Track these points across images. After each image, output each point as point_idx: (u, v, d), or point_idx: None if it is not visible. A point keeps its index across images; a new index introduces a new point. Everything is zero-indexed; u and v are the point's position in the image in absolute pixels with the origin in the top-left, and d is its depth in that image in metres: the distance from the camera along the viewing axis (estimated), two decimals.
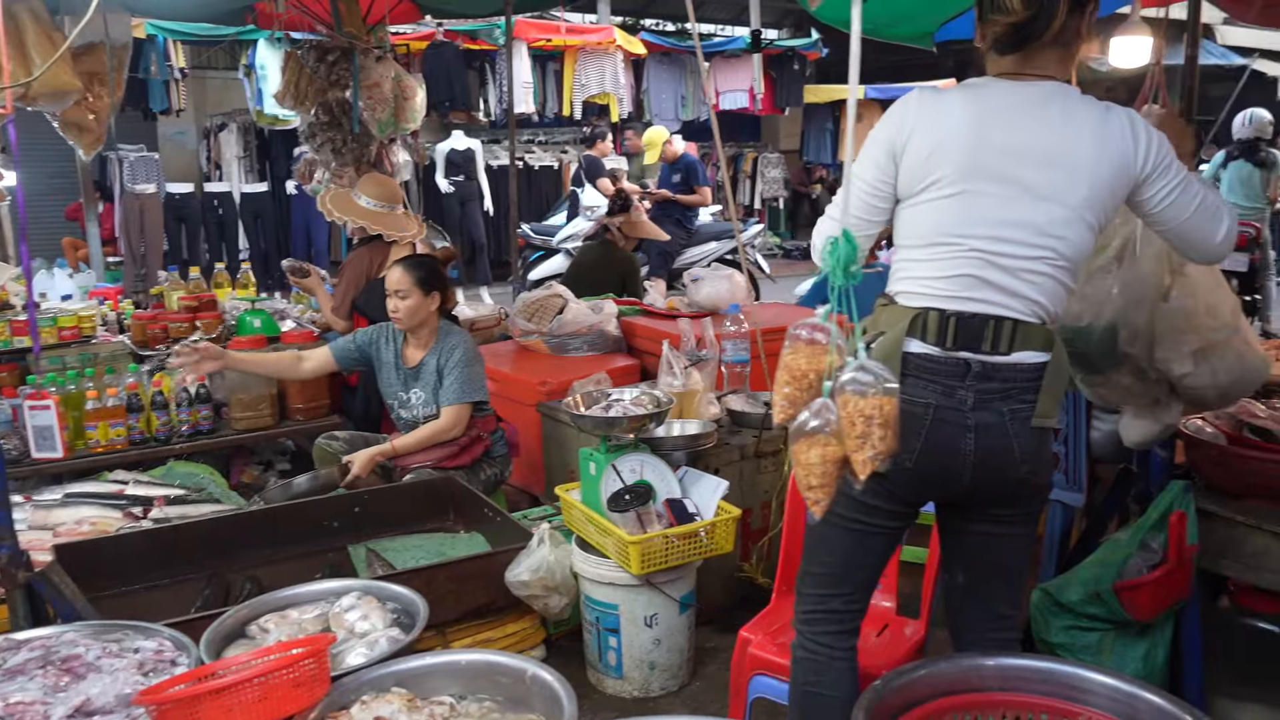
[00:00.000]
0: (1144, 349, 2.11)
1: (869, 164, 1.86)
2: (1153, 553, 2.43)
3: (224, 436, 4.04)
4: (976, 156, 1.78)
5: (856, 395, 1.51)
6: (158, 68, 9.36)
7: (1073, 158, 1.80)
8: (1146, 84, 2.83)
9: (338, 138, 5.25)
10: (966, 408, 1.81)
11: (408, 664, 1.97)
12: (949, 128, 1.80)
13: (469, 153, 10.68)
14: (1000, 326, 1.80)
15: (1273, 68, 14.21)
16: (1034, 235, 1.80)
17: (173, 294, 4.68)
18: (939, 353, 1.82)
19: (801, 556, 2.08)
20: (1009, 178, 1.79)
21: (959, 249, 1.80)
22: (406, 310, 3.47)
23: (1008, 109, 1.81)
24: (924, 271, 1.84)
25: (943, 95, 1.85)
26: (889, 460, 1.56)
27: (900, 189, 1.85)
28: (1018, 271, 1.80)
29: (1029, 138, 1.79)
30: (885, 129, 1.85)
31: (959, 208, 1.80)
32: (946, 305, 1.81)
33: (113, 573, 2.85)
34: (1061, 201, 1.80)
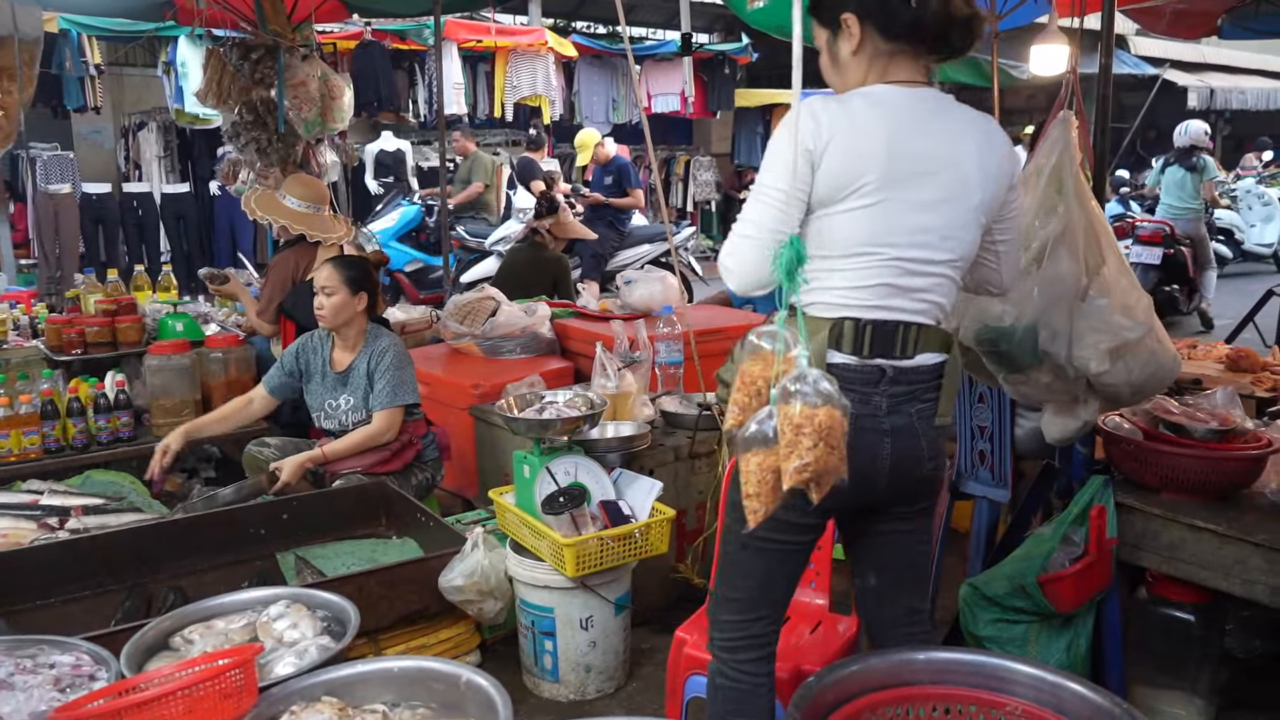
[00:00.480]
0: (1063, 347, 2.18)
1: (785, 174, 1.77)
2: (1075, 546, 2.50)
3: (145, 443, 3.91)
4: (892, 164, 1.78)
5: (786, 404, 1.51)
6: (72, 64, 9.06)
7: (968, 162, 1.84)
8: (1062, 91, 2.92)
9: (263, 137, 5.15)
10: (882, 413, 1.84)
11: (338, 672, 1.93)
12: (865, 135, 1.78)
13: (399, 154, 10.55)
14: (908, 331, 1.84)
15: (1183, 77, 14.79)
16: (940, 240, 1.83)
17: (89, 297, 4.53)
18: (856, 361, 1.83)
19: (715, 582, 2.02)
20: (919, 184, 1.80)
21: (880, 258, 1.80)
22: (331, 307, 3.41)
23: (909, 116, 1.82)
24: (840, 282, 1.82)
25: (848, 103, 1.81)
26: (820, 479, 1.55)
27: (818, 198, 1.79)
28: (927, 276, 1.84)
29: (931, 143, 1.82)
30: (800, 137, 1.76)
31: (883, 216, 1.79)
32: (862, 314, 1.82)
33: (27, 585, 2.75)
34: (962, 205, 1.84)
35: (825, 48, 1.91)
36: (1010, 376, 2.31)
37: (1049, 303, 2.16)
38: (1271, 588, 2.30)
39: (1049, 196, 2.17)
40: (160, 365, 3.94)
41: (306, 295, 4.13)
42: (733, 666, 1.97)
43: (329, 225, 4.34)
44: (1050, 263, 2.14)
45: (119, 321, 4.23)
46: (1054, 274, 2.14)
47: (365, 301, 3.49)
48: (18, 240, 9.09)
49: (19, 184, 9.39)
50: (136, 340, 4.24)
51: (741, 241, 1.81)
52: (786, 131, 1.77)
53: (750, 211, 1.81)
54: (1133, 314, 2.16)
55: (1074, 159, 2.14)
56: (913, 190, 1.80)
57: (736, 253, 1.81)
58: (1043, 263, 2.14)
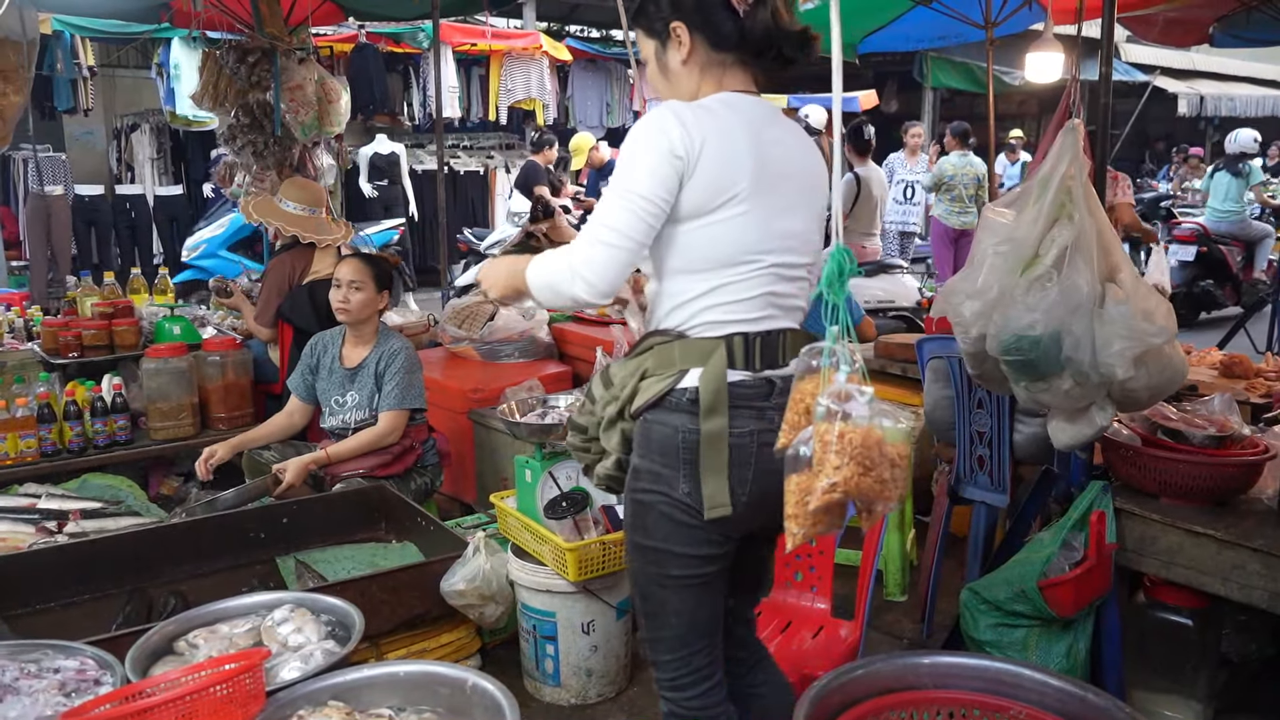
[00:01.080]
0: (1087, 354, 2.19)
1: (656, 183, 1.67)
2: (1074, 551, 2.52)
3: (142, 447, 3.92)
4: (760, 170, 1.74)
5: (821, 421, 1.45)
6: (64, 65, 9.02)
7: (810, 169, 1.86)
8: (1064, 98, 2.95)
9: (259, 140, 5.14)
10: (775, 427, 1.69)
11: (344, 676, 1.93)
12: (732, 140, 1.72)
13: (393, 157, 10.53)
14: (784, 338, 1.80)
15: (1173, 84, 14.86)
16: (802, 244, 1.82)
17: (86, 300, 4.51)
18: (750, 377, 1.76)
19: (646, 628, 1.91)
20: (780, 188, 1.77)
21: (758, 266, 1.75)
22: (358, 303, 3.43)
23: (764, 123, 1.79)
24: (725, 297, 1.75)
25: (710, 108, 1.74)
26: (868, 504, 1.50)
27: (689, 208, 1.70)
28: (795, 280, 1.82)
29: (785, 150, 1.81)
30: (670, 145, 1.67)
31: (758, 223, 1.74)
32: (749, 328, 1.76)
33: (27, 590, 2.74)
34: (812, 208, 1.85)
35: (654, 58, 1.85)
36: (1031, 385, 2.32)
37: (1069, 310, 2.17)
38: (1269, 592, 2.32)
39: (1059, 204, 2.18)
40: (157, 368, 3.93)
41: (305, 299, 4.14)
42: (683, 705, 1.89)
43: (326, 228, 4.33)
44: (1068, 271, 2.16)
45: (116, 324, 4.22)
46: (1072, 282, 2.16)
47: (385, 300, 3.53)
48: (8, 240, 9.04)
49: (9, 186, 9.34)
50: (134, 343, 4.23)
51: (603, 250, 1.67)
52: (653, 136, 1.68)
53: (615, 218, 1.67)
54: (1154, 319, 2.18)
55: (1083, 167, 2.16)
56: (777, 195, 1.77)
57: (596, 261, 1.67)
58: (1062, 270, 2.16)
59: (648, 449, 1.78)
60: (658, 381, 1.76)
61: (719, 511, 1.73)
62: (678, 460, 1.75)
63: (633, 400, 1.79)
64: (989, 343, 2.31)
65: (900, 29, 6.12)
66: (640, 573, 1.87)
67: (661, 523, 1.78)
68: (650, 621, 1.89)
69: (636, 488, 1.81)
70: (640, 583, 1.89)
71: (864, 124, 6.92)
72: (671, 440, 1.75)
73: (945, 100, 14.80)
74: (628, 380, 1.81)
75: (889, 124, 15.51)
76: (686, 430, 1.74)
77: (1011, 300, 2.23)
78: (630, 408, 1.80)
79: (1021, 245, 2.22)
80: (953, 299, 2.38)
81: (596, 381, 1.90)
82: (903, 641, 3.23)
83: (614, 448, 1.86)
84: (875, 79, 14.77)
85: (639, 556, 1.86)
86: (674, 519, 1.77)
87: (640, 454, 1.80)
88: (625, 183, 1.69)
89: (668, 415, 1.75)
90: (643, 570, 1.86)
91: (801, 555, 2.70)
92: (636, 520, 1.83)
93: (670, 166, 1.67)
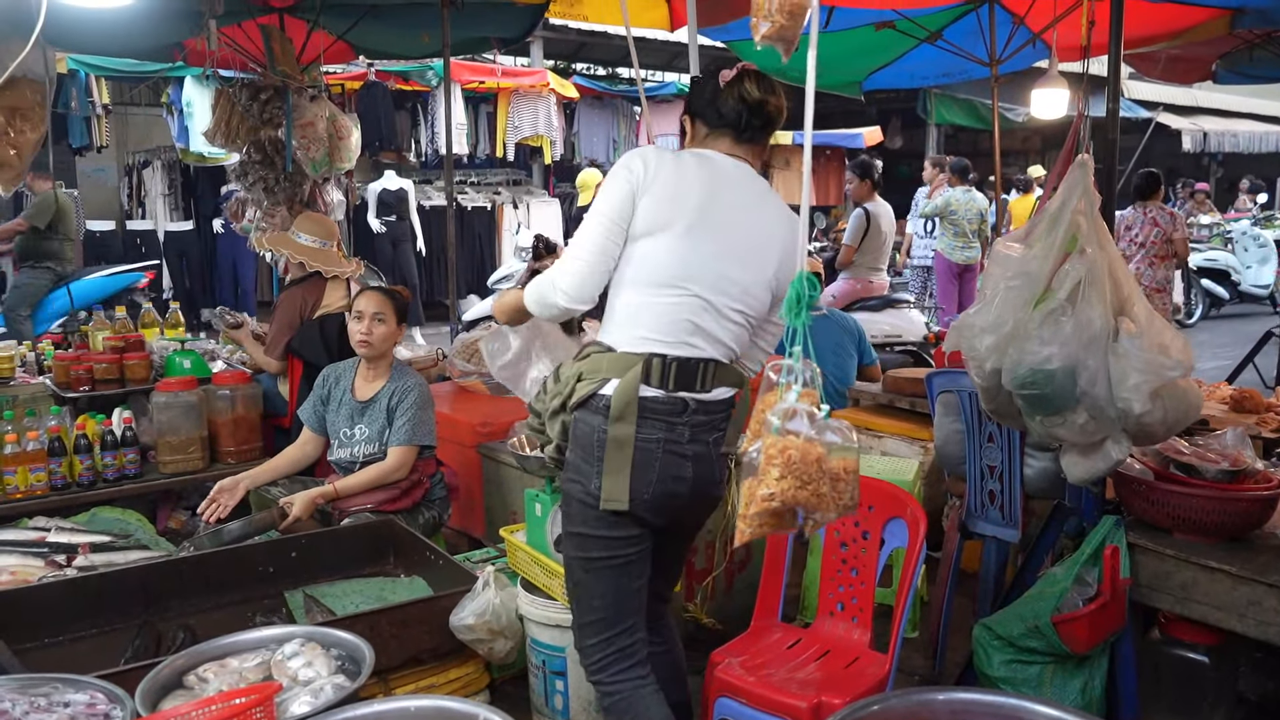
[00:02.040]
0: (1103, 389, 2.20)
1: (615, 204, 2.05)
2: (1088, 586, 2.50)
3: (151, 481, 3.91)
4: (708, 210, 2.05)
5: (769, 435, 1.63)
6: (78, 103, 9.14)
7: (771, 234, 2.13)
8: (1071, 135, 2.97)
9: (270, 177, 5.19)
10: (684, 440, 2.06)
11: (355, 711, 1.92)
12: (687, 179, 2.06)
13: (401, 193, 10.61)
14: (707, 368, 2.07)
15: (1176, 120, 14.96)
16: (740, 292, 2.09)
17: (97, 334, 4.54)
18: (663, 395, 2.04)
19: (576, 612, 2.20)
20: (727, 236, 2.07)
21: (684, 294, 2.04)
22: (380, 335, 3.44)
23: (732, 179, 2.12)
24: (649, 318, 2.05)
25: (680, 156, 2.11)
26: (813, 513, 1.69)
27: (637, 228, 2.05)
28: (723, 321, 2.09)
29: (741, 209, 2.10)
30: (629, 175, 2.05)
31: (689, 257, 2.04)
32: (668, 350, 2.04)
33: (36, 624, 2.72)
34: (762, 270, 2.12)
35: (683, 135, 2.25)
36: (1046, 419, 2.33)
37: (1084, 344, 2.19)
38: None
39: (1069, 238, 2.19)
40: (168, 402, 3.94)
41: (315, 333, 4.16)
42: (608, 682, 2.14)
43: (338, 261, 4.37)
44: (1082, 305, 2.17)
45: (127, 358, 4.24)
46: (1086, 317, 2.17)
47: (402, 334, 3.55)
48: None
49: None
50: (144, 377, 4.24)
51: (575, 263, 2.06)
52: (619, 169, 2.08)
53: (584, 237, 2.07)
54: (1170, 352, 2.19)
55: (1093, 202, 2.18)
56: (717, 241, 2.06)
57: (570, 273, 2.06)
58: (1076, 304, 2.17)
59: (575, 443, 2.09)
60: (586, 385, 2.06)
61: (614, 505, 2.03)
62: (593, 457, 2.05)
63: (570, 397, 2.08)
64: (1004, 376, 2.31)
65: (905, 66, 6.18)
66: (569, 558, 2.17)
67: (581, 510, 2.09)
68: (579, 606, 2.18)
69: (566, 477, 2.13)
70: (570, 568, 2.18)
71: (871, 160, 6.97)
72: (590, 438, 2.05)
73: (949, 136, 14.91)
74: (569, 380, 2.09)
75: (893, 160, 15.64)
76: (601, 431, 2.03)
77: (1026, 334, 2.24)
78: (569, 403, 2.08)
79: (1034, 279, 2.23)
80: (967, 333, 2.39)
81: (551, 376, 2.19)
82: (914, 678, 3.20)
83: (555, 435, 2.14)
84: (879, 115, 14.90)
85: (568, 542, 2.16)
86: (587, 507, 2.07)
87: (570, 448, 2.10)
88: (595, 207, 2.08)
89: (589, 416, 2.05)
90: (570, 555, 2.16)
91: (844, 586, 2.73)
92: (564, 507, 2.15)
93: (627, 188, 2.05)
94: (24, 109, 4.41)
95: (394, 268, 10.46)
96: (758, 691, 2.37)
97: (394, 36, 5.94)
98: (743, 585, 3.45)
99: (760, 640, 2.65)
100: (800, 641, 2.66)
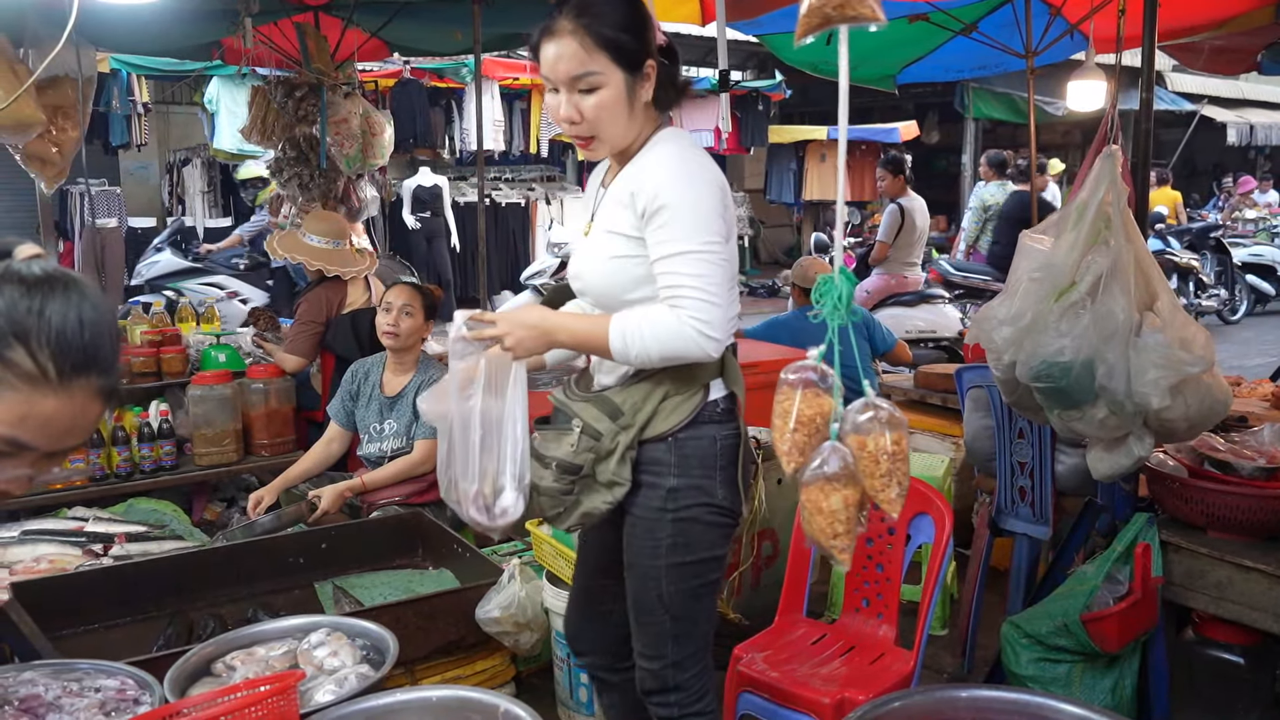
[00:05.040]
0: (1121, 383, 2.16)
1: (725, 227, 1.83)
2: (1119, 584, 2.46)
3: (187, 472, 3.99)
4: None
5: (877, 434, 1.44)
6: (119, 102, 9.30)
7: None
8: (1102, 125, 2.92)
9: (305, 173, 5.26)
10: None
11: (378, 701, 1.93)
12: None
13: (436, 189, 10.69)
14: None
15: (1221, 113, 14.67)
16: None
17: (135, 328, 4.62)
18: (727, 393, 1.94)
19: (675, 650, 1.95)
20: None
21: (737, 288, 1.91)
22: (407, 329, 3.47)
23: None
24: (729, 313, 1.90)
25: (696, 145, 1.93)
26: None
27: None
28: None
29: None
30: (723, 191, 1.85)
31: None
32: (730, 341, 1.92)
33: (72, 611, 2.78)
34: None
35: (620, 90, 1.81)
36: (1064, 414, 2.29)
37: (1104, 338, 2.15)
38: None
39: (1096, 231, 2.16)
40: (203, 395, 4.00)
41: (347, 328, 4.20)
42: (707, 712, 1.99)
43: (350, 259, 4.39)
44: (1103, 298, 2.13)
45: (164, 352, 4.31)
46: (1107, 309, 2.13)
47: (430, 329, 3.57)
48: None
49: (67, 220, 9.61)
50: (180, 371, 4.31)
51: (716, 310, 1.77)
52: (711, 186, 1.82)
53: (713, 277, 1.78)
54: (1192, 348, 2.15)
55: (1121, 194, 2.14)
56: None
57: (715, 322, 1.77)
58: (1096, 297, 2.13)
59: (685, 466, 1.87)
60: (686, 400, 1.86)
61: (748, 505, 1.98)
62: (714, 468, 1.88)
63: (648, 425, 1.86)
64: (1019, 370, 2.28)
65: (940, 59, 6.10)
66: (675, 595, 1.91)
67: (706, 533, 1.89)
68: (679, 643, 1.95)
69: (677, 508, 1.88)
70: (674, 605, 1.92)
71: (902, 155, 6.90)
72: (709, 450, 1.87)
73: (987, 130, 14.73)
74: (640, 406, 1.86)
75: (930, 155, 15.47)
76: (722, 437, 1.88)
77: (1044, 327, 2.21)
78: (647, 432, 1.86)
79: (1057, 272, 2.20)
80: (986, 325, 2.36)
81: (593, 416, 1.89)
82: (943, 675, 3.17)
83: (625, 478, 1.87)
84: (915, 110, 14.75)
85: (677, 578, 1.91)
86: (716, 524, 1.90)
87: (677, 473, 1.87)
88: (705, 236, 1.78)
89: (703, 428, 1.87)
90: (679, 591, 1.91)
91: (870, 582, 2.69)
92: (678, 540, 1.89)
93: (725, 207, 1.83)
94: (65, 107, 4.52)
95: (428, 263, 10.55)
96: (781, 686, 2.36)
97: (427, 33, 5.97)
98: (769, 581, 3.43)
99: (784, 635, 2.64)
100: (825, 637, 2.65)
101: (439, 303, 3.75)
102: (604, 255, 1.92)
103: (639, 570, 1.95)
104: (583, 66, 1.78)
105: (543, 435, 1.97)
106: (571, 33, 1.78)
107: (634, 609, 1.99)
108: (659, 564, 1.91)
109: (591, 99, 1.81)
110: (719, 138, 12.72)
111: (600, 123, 1.83)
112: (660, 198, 1.79)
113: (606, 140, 1.86)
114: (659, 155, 1.87)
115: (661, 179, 1.81)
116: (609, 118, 1.83)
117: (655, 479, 1.88)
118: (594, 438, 1.88)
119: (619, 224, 1.89)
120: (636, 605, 1.98)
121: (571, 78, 1.80)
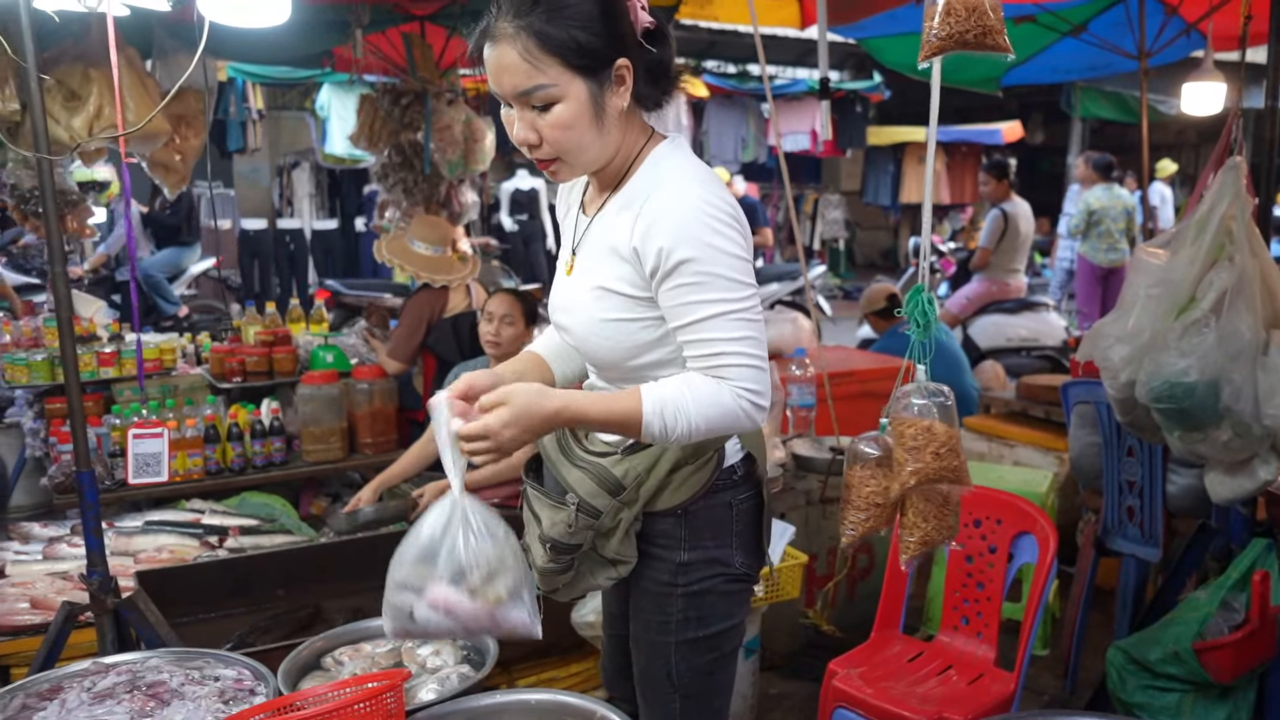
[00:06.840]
0: (1249, 404, 2.07)
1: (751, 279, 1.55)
2: (1234, 612, 2.37)
3: (295, 468, 4.14)
4: None
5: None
6: (235, 109, 9.69)
7: None
8: (1224, 133, 2.80)
9: (409, 178, 5.41)
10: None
11: (479, 701, 1.99)
12: None
13: (533, 192, 10.85)
14: None
15: None
16: None
17: (249, 328, 4.82)
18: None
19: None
20: None
21: None
22: (509, 337, 3.53)
23: None
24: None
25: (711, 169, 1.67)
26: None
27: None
28: None
29: None
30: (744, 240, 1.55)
31: None
32: None
33: (191, 600, 2.91)
34: None
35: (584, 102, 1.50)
36: (1186, 435, 2.21)
37: (1229, 357, 2.06)
38: None
39: (1219, 246, 2.08)
40: (311, 394, 4.15)
41: (448, 332, 4.30)
42: None
43: (452, 267, 4.48)
44: (1228, 316, 2.05)
45: (275, 352, 4.48)
46: (1232, 328, 2.05)
47: (531, 335, 3.62)
48: None
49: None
50: (291, 370, 4.48)
51: (760, 375, 1.54)
52: (735, 237, 1.52)
53: (752, 339, 1.53)
54: None
55: (1245, 208, 2.05)
56: None
57: (762, 387, 1.54)
58: (1220, 315, 2.05)
59: (697, 538, 1.67)
60: (697, 470, 1.63)
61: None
62: (730, 534, 1.69)
63: (654, 500, 1.64)
64: (1138, 389, 2.21)
65: (1047, 60, 5.94)
66: (687, 673, 1.73)
67: (721, 602, 1.70)
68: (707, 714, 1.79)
69: (688, 582, 1.68)
70: (684, 684, 1.74)
71: (1005, 159, 6.74)
72: (725, 517, 1.68)
73: (1094, 130, 14.24)
74: (644, 479, 1.62)
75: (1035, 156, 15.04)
76: (738, 502, 1.69)
77: (1164, 345, 2.13)
78: (653, 507, 1.65)
79: (1177, 288, 2.12)
80: (1100, 342, 2.29)
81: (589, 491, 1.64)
82: (1043, 698, 3.09)
83: (630, 555, 1.68)
84: (1020, 110, 14.36)
85: (689, 654, 1.72)
86: (731, 593, 1.71)
87: (688, 546, 1.67)
88: (739, 290, 1.52)
89: (717, 495, 1.67)
90: (691, 668, 1.73)
91: (969, 600, 2.65)
92: (690, 614, 1.70)
93: (746, 239, 1.56)
94: (189, 117, 4.74)
95: (525, 265, 10.71)
96: (876, 704, 2.34)
97: None
98: (865, 593, 3.40)
99: (881, 652, 2.62)
100: (922, 655, 2.61)
101: (538, 306, 3.80)
102: (597, 314, 1.62)
103: (646, 645, 1.76)
104: (530, 80, 1.46)
105: (535, 494, 1.77)
106: (512, 37, 1.45)
107: (640, 684, 1.81)
108: (668, 640, 1.71)
109: (548, 117, 1.49)
110: (814, 139, 12.62)
111: (563, 144, 1.52)
112: (677, 252, 1.48)
113: (575, 164, 1.57)
114: (659, 186, 1.55)
115: (673, 226, 1.49)
116: (574, 137, 1.51)
117: (664, 551, 1.68)
118: (591, 515, 1.64)
119: (614, 280, 1.59)
120: (643, 681, 1.79)
121: (519, 93, 1.48)
